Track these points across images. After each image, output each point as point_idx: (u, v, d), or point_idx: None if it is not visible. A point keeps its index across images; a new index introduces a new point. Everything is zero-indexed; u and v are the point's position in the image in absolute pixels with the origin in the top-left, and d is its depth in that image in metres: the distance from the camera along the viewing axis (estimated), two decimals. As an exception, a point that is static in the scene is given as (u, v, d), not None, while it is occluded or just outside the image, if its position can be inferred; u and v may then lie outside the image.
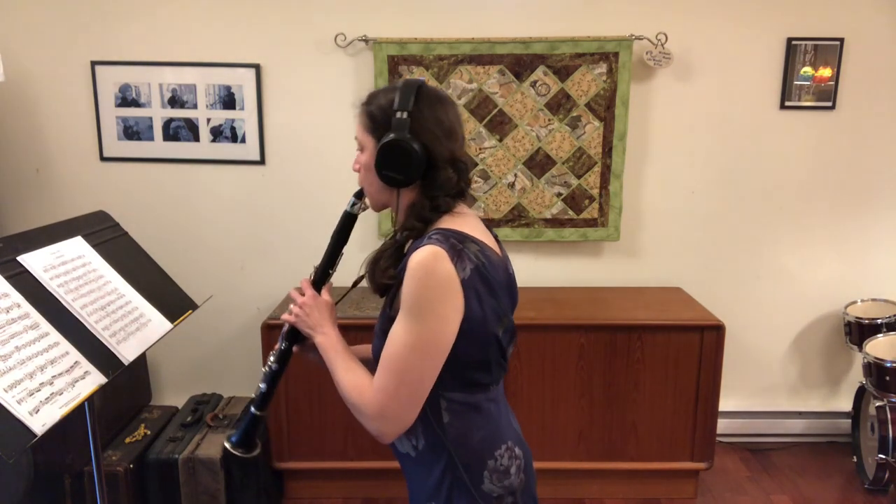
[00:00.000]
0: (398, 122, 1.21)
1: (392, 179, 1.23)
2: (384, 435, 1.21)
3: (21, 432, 1.31)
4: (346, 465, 2.80)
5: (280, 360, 1.41)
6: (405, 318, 1.16)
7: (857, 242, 3.16)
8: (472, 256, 1.18)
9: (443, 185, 1.24)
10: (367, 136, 1.28)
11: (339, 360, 1.27)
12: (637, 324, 2.70)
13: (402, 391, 1.17)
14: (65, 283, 1.64)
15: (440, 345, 1.16)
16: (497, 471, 1.26)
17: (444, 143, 1.24)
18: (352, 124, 3.31)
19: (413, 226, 1.25)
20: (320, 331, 1.32)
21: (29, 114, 2.99)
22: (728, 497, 2.88)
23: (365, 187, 1.33)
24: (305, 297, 1.36)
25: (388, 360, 1.17)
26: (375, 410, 1.18)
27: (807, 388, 3.32)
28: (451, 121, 1.26)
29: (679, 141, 3.05)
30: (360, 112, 1.30)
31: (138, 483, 2.60)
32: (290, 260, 3.12)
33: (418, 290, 1.14)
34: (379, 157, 1.22)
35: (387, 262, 1.26)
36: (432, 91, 1.27)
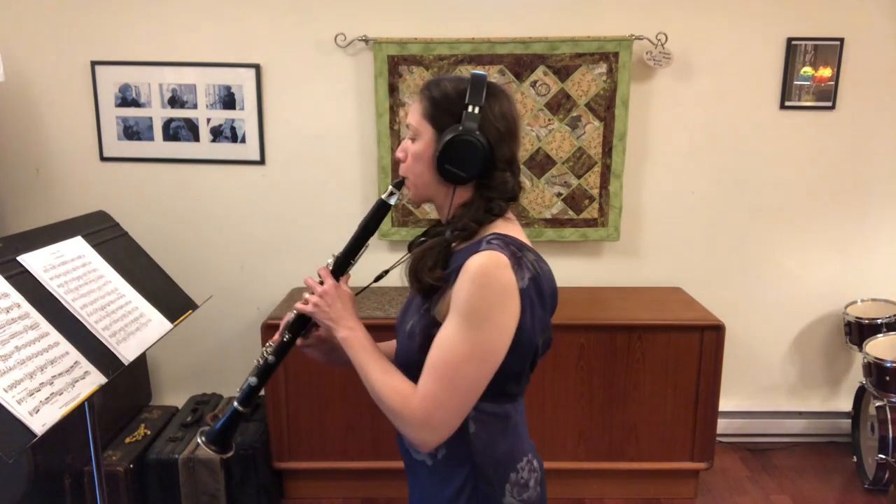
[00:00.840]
0: (469, 115, 1.15)
1: (452, 175, 1.17)
2: (426, 444, 1.14)
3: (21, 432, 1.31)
4: (346, 465, 2.80)
5: (279, 353, 1.33)
6: (460, 323, 1.10)
7: (857, 242, 3.16)
8: (530, 265, 1.15)
9: (499, 187, 1.20)
10: (426, 124, 1.20)
11: (373, 360, 1.19)
12: (637, 324, 2.70)
13: (453, 400, 1.11)
14: (65, 283, 1.64)
15: (496, 354, 1.12)
16: (518, 484, 1.23)
17: (508, 143, 1.19)
18: (351, 124, 3.32)
19: (467, 227, 1.18)
20: (344, 325, 1.23)
21: (29, 114, 2.99)
22: (728, 497, 2.88)
23: (411, 178, 1.24)
24: (326, 285, 1.26)
25: (439, 367, 1.11)
26: (421, 419, 1.11)
27: (807, 388, 3.32)
28: (517, 120, 1.21)
29: (679, 141, 3.05)
30: (421, 98, 1.22)
31: (138, 483, 2.60)
32: (290, 260, 3.13)
33: (479, 297, 1.09)
34: (444, 150, 1.15)
35: (433, 261, 1.18)
36: (500, 87, 1.21)
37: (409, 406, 1.12)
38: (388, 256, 3.10)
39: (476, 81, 1.17)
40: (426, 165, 1.20)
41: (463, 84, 1.18)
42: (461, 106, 1.16)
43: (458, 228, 1.19)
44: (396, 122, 2.96)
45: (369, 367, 1.18)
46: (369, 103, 2.97)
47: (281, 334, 1.33)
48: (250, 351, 3.12)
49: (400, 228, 3.05)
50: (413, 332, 1.19)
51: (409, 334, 1.20)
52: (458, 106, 1.16)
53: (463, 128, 1.15)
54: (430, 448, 1.16)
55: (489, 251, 1.12)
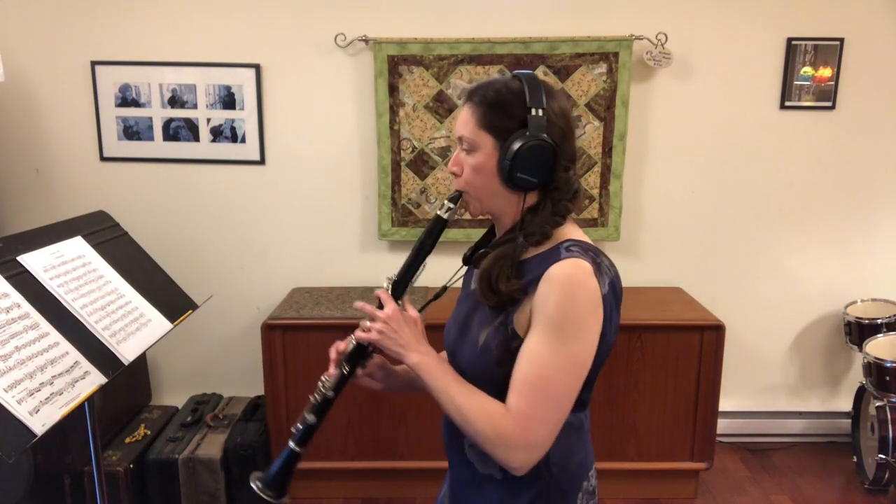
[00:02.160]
0: (535, 119, 1.10)
1: (525, 183, 1.12)
2: (525, 465, 1.07)
3: (21, 432, 1.31)
4: (346, 465, 2.80)
5: (338, 388, 1.24)
6: (551, 336, 1.06)
7: (857, 242, 3.16)
8: (608, 270, 1.13)
9: (565, 186, 1.15)
10: (483, 133, 1.14)
11: (455, 383, 1.12)
12: (637, 324, 2.70)
13: (550, 415, 1.07)
14: (65, 283, 1.64)
15: (587, 364, 1.09)
16: (588, 492, 1.21)
17: (570, 140, 1.16)
18: (352, 124, 3.31)
19: (540, 231, 1.14)
20: (416, 349, 1.15)
21: (29, 114, 2.99)
22: (728, 497, 2.88)
23: (472, 191, 1.18)
24: (388, 309, 1.17)
25: (534, 383, 1.06)
26: (520, 440, 1.05)
27: (807, 388, 3.32)
28: (571, 115, 1.18)
29: (679, 141, 3.05)
30: (472, 107, 1.15)
31: (138, 483, 2.60)
32: (290, 260, 3.13)
33: (569, 307, 1.05)
34: (514, 158, 1.10)
35: (508, 271, 1.12)
36: (551, 85, 1.17)
37: (506, 427, 1.06)
38: (387, 257, 3.10)
39: (532, 82, 1.13)
40: (490, 176, 1.14)
41: (515, 85, 1.13)
42: (520, 109, 1.11)
43: (530, 234, 1.14)
44: (396, 122, 2.96)
45: (452, 391, 1.12)
46: (369, 103, 2.97)
47: (338, 366, 1.25)
48: (250, 351, 3.12)
49: (399, 228, 3.05)
50: (488, 346, 1.13)
51: (482, 348, 1.14)
52: (517, 109, 1.11)
53: (531, 133, 1.10)
54: (526, 469, 1.09)
55: (573, 259, 1.09)
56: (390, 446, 2.77)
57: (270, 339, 2.67)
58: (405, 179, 3.01)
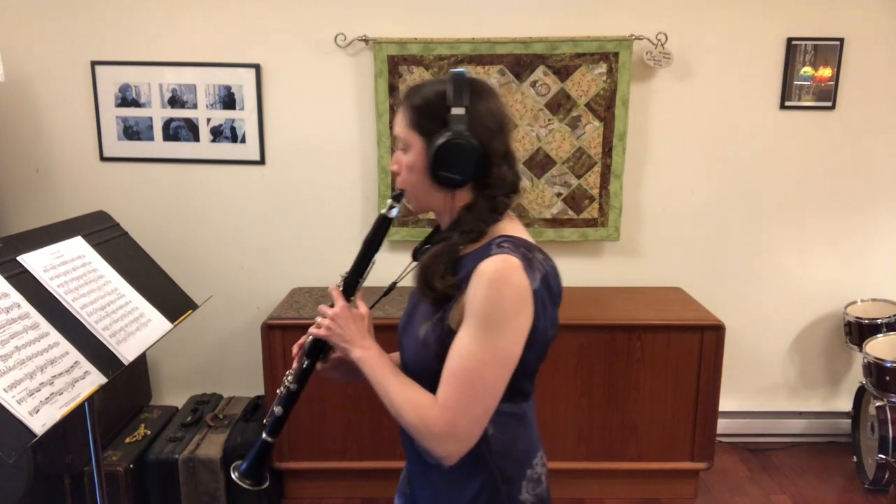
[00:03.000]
0: (454, 117, 1.13)
1: (449, 181, 1.16)
2: (452, 456, 1.12)
3: (21, 432, 1.31)
4: (346, 465, 2.80)
5: (300, 380, 1.30)
6: (477, 330, 1.09)
7: (856, 243, 3.16)
8: (540, 265, 1.15)
9: (499, 183, 1.18)
10: (413, 133, 1.18)
11: (390, 376, 1.17)
12: (637, 324, 2.70)
13: (476, 408, 1.10)
14: (65, 283, 1.64)
15: (514, 358, 1.12)
16: (533, 479, 1.24)
17: (500, 137, 1.18)
18: (351, 124, 3.32)
19: (476, 228, 1.17)
20: (359, 344, 1.22)
21: (29, 114, 2.99)
22: (728, 497, 2.88)
23: (408, 189, 1.23)
24: (337, 307, 1.24)
25: (459, 375, 1.10)
26: (445, 430, 1.10)
27: (807, 388, 3.32)
28: (504, 112, 1.20)
29: (679, 141, 3.05)
30: (404, 108, 1.20)
31: (138, 483, 2.60)
32: (289, 260, 3.13)
33: (495, 302, 1.08)
34: (435, 156, 1.14)
35: (444, 268, 1.15)
36: (482, 83, 1.20)
37: (431, 418, 1.11)
38: (390, 257, 3.09)
39: (457, 81, 1.15)
40: (421, 175, 1.18)
41: (443, 86, 1.16)
42: (445, 109, 1.14)
43: (465, 231, 1.17)
44: (396, 122, 2.95)
45: (386, 383, 1.17)
46: (369, 103, 2.97)
47: (299, 361, 1.31)
48: (250, 351, 3.12)
49: (400, 228, 3.05)
50: (427, 341, 1.17)
51: (422, 343, 1.18)
52: (443, 109, 1.15)
53: (451, 131, 1.13)
54: (454, 460, 1.13)
55: (501, 255, 1.11)
56: (390, 446, 2.77)
57: (270, 339, 2.67)
58: (405, 179, 3.00)
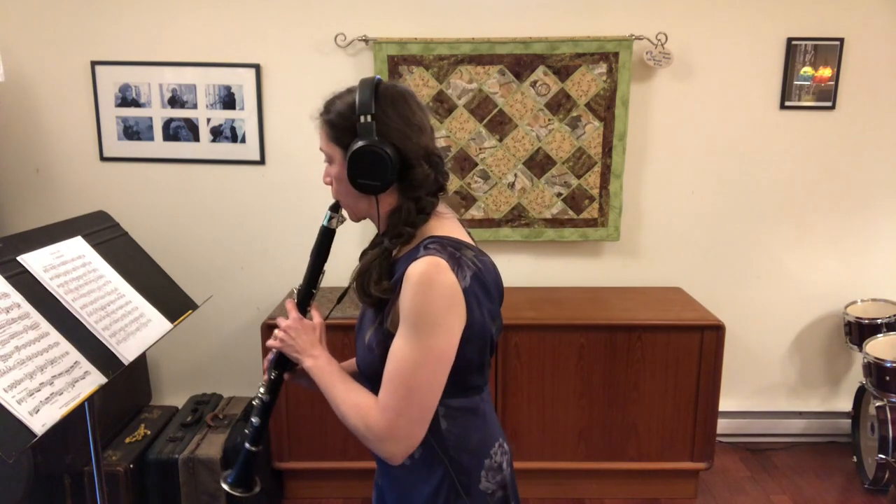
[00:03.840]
0: (363, 126, 1.16)
1: (368, 187, 1.18)
2: (395, 456, 1.15)
3: (21, 432, 1.31)
4: (346, 465, 2.80)
5: (271, 391, 1.35)
6: (409, 332, 1.11)
7: (856, 242, 3.16)
8: (470, 263, 1.16)
9: (421, 184, 1.19)
10: (333, 146, 1.22)
11: (335, 382, 1.22)
12: (637, 324, 2.70)
13: (413, 408, 1.13)
14: (65, 283, 1.64)
15: (447, 357, 1.13)
16: (492, 468, 1.26)
17: (415, 139, 1.18)
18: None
19: (402, 231, 1.20)
20: (308, 354, 1.26)
21: (29, 114, 2.99)
22: (728, 497, 2.88)
23: (340, 199, 1.28)
24: (290, 320, 1.30)
25: (394, 378, 1.12)
26: (384, 432, 1.13)
27: (807, 388, 3.32)
28: (418, 114, 1.20)
29: (679, 141, 3.05)
30: (320, 123, 1.25)
31: (138, 483, 2.60)
32: (289, 260, 3.12)
33: (423, 304, 1.10)
34: (350, 166, 1.16)
35: (378, 273, 1.19)
36: (391, 87, 1.21)
37: (370, 420, 1.14)
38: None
39: (362, 89, 1.17)
40: (346, 184, 1.21)
41: (348, 98, 1.20)
42: (353, 119, 1.17)
43: (394, 235, 1.20)
44: (396, 122, 2.95)
45: (332, 388, 1.21)
46: (369, 103, 2.96)
47: (268, 372, 1.36)
48: (250, 351, 3.12)
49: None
50: (371, 345, 1.20)
51: (367, 348, 1.21)
52: (353, 119, 1.17)
53: (361, 140, 1.15)
54: (399, 460, 1.16)
55: (427, 257, 1.12)
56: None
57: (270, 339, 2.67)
58: (405, 179, 3.00)
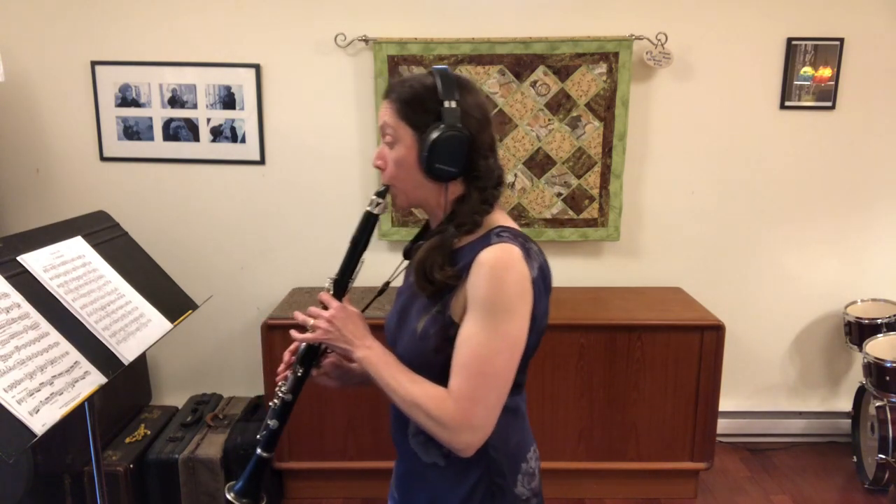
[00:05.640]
0: (448, 111, 1.14)
1: (443, 173, 1.16)
2: (470, 447, 1.12)
3: (21, 432, 1.31)
4: (346, 465, 2.80)
5: (295, 390, 1.28)
6: (484, 318, 1.09)
7: (856, 242, 3.16)
8: (537, 256, 1.17)
9: (488, 175, 1.19)
10: (404, 126, 1.18)
11: (398, 373, 1.16)
12: (637, 324, 2.70)
13: (490, 396, 1.11)
14: (65, 283, 1.64)
15: (521, 344, 1.13)
16: (527, 473, 1.24)
17: (487, 130, 1.20)
18: (351, 124, 3.31)
19: (470, 220, 1.18)
20: (361, 344, 1.20)
21: (29, 114, 2.99)
22: (728, 497, 2.88)
23: (396, 184, 1.22)
24: (332, 309, 1.23)
25: (470, 365, 1.10)
26: (461, 421, 1.09)
27: (807, 388, 3.32)
28: (488, 107, 1.22)
29: (679, 141, 3.05)
30: (391, 100, 1.20)
31: (138, 483, 2.60)
32: (290, 260, 3.13)
33: (500, 290, 1.09)
34: (431, 149, 1.14)
35: (441, 260, 1.15)
36: (465, 78, 1.22)
37: (447, 410, 1.10)
38: (389, 257, 3.09)
39: (445, 76, 1.17)
40: (412, 168, 1.18)
41: (429, 80, 1.18)
42: (436, 102, 1.15)
43: (461, 224, 1.18)
44: (396, 122, 2.95)
45: (396, 380, 1.15)
46: (369, 103, 2.97)
47: (293, 369, 1.29)
48: (250, 351, 3.12)
49: (400, 228, 3.05)
50: (426, 333, 1.16)
51: (420, 336, 1.17)
52: (433, 102, 1.16)
53: (445, 124, 1.14)
54: (472, 451, 1.13)
55: (502, 244, 1.13)
56: (390, 446, 2.76)
57: (270, 339, 2.67)
58: (405, 179, 3.00)
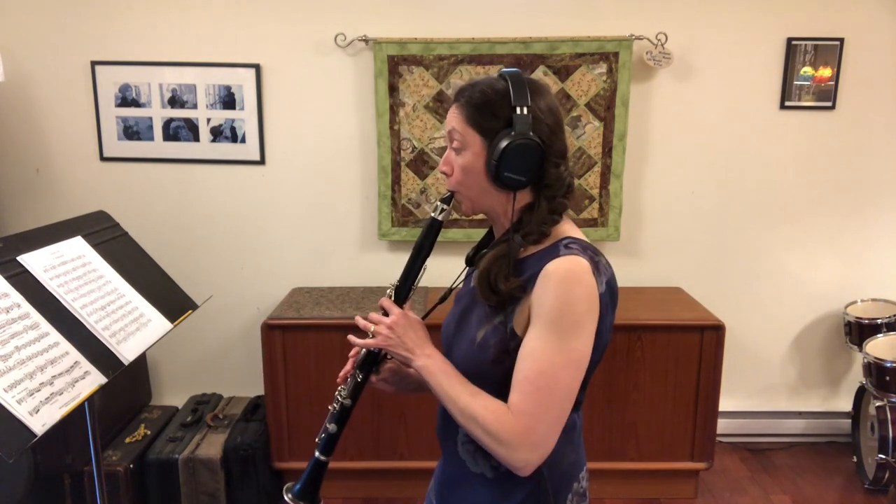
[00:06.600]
0: (520, 117, 1.10)
1: (512, 182, 1.12)
2: (529, 465, 1.07)
3: (21, 432, 1.31)
4: (346, 465, 2.80)
5: (354, 395, 1.27)
6: (549, 332, 1.06)
7: (856, 242, 3.16)
8: (605, 269, 1.13)
9: (558, 184, 1.15)
10: (472, 132, 1.14)
11: (458, 384, 1.12)
12: (637, 324, 2.70)
13: (552, 413, 1.06)
14: (65, 283, 1.64)
15: (586, 360, 1.09)
16: (578, 493, 1.21)
17: (559, 137, 1.15)
18: (351, 124, 3.31)
19: (538, 230, 1.14)
20: (422, 353, 1.16)
21: (29, 114, 2.99)
22: (728, 497, 2.88)
23: (463, 190, 1.18)
24: (394, 316, 1.19)
25: (533, 380, 1.06)
26: (521, 437, 1.05)
27: (807, 388, 3.32)
28: (560, 111, 1.17)
29: (679, 141, 3.05)
30: (459, 105, 1.15)
31: (138, 483, 2.60)
32: (290, 260, 3.13)
33: (567, 303, 1.05)
34: (501, 157, 1.10)
35: (507, 270, 1.12)
36: (539, 81, 1.17)
37: (507, 425, 1.06)
38: (388, 257, 3.10)
39: (516, 80, 1.13)
40: (479, 175, 1.15)
41: (500, 84, 1.13)
42: (507, 108, 1.11)
43: (528, 233, 1.14)
44: (396, 122, 2.96)
45: (455, 391, 1.12)
46: (369, 103, 2.97)
47: (353, 375, 1.28)
48: (250, 351, 3.12)
49: (400, 228, 3.05)
50: (486, 344, 1.13)
51: (479, 346, 1.14)
52: (504, 108, 1.11)
53: (516, 131, 1.10)
54: (531, 469, 1.08)
55: (571, 256, 1.09)
56: (390, 446, 2.77)
57: (270, 339, 2.67)
58: (405, 179, 3.01)
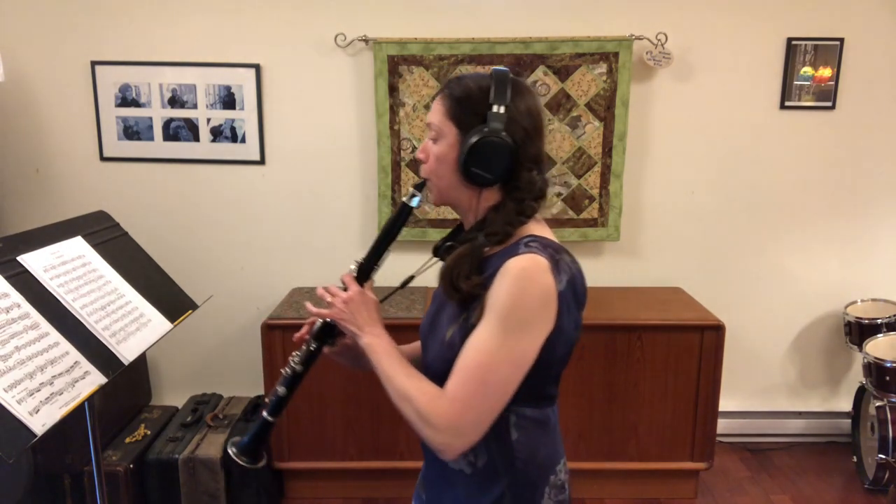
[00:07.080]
0: (495, 115, 1.11)
1: (478, 178, 1.13)
2: (452, 449, 1.10)
3: (21, 432, 1.31)
4: (346, 465, 2.80)
5: (306, 362, 1.29)
6: (496, 326, 1.07)
7: (857, 242, 3.16)
8: (567, 268, 1.12)
9: (527, 187, 1.15)
10: (450, 124, 1.15)
11: (397, 365, 1.15)
12: (637, 324, 2.70)
13: (483, 403, 1.08)
14: (65, 283, 1.64)
15: (529, 360, 1.09)
16: (556, 486, 1.22)
17: (534, 141, 1.15)
18: (351, 124, 3.31)
19: (501, 230, 1.14)
20: (369, 331, 1.20)
21: (29, 114, 2.99)
22: (728, 497, 2.88)
23: (433, 180, 1.20)
24: (350, 292, 1.23)
25: (470, 369, 1.07)
26: (448, 422, 1.07)
27: (807, 388, 3.32)
28: (541, 116, 1.18)
29: (679, 141, 3.05)
30: (443, 96, 1.17)
31: (138, 483, 2.60)
32: (290, 260, 3.13)
33: (518, 300, 1.06)
34: (468, 152, 1.11)
35: (469, 268, 1.13)
36: (523, 83, 1.17)
37: (437, 408, 1.08)
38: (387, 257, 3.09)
39: (500, 79, 1.13)
40: (450, 167, 1.16)
41: (486, 81, 1.14)
42: (485, 105, 1.12)
43: (491, 233, 1.15)
44: (396, 122, 2.96)
45: (393, 370, 1.15)
46: (369, 103, 2.97)
47: (307, 343, 1.30)
48: (250, 351, 3.12)
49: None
50: (453, 342, 1.15)
51: (448, 345, 1.16)
52: (483, 105, 1.13)
53: (488, 128, 1.11)
54: (453, 454, 1.11)
55: (529, 254, 1.09)
56: (390, 446, 2.77)
57: (270, 339, 2.67)
58: (405, 179, 3.01)
